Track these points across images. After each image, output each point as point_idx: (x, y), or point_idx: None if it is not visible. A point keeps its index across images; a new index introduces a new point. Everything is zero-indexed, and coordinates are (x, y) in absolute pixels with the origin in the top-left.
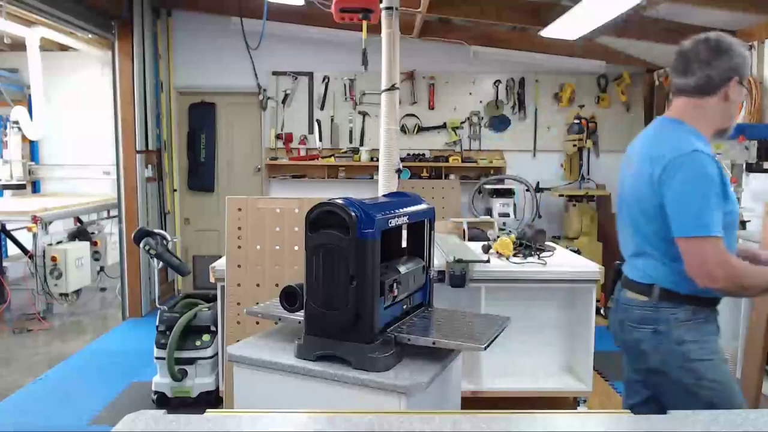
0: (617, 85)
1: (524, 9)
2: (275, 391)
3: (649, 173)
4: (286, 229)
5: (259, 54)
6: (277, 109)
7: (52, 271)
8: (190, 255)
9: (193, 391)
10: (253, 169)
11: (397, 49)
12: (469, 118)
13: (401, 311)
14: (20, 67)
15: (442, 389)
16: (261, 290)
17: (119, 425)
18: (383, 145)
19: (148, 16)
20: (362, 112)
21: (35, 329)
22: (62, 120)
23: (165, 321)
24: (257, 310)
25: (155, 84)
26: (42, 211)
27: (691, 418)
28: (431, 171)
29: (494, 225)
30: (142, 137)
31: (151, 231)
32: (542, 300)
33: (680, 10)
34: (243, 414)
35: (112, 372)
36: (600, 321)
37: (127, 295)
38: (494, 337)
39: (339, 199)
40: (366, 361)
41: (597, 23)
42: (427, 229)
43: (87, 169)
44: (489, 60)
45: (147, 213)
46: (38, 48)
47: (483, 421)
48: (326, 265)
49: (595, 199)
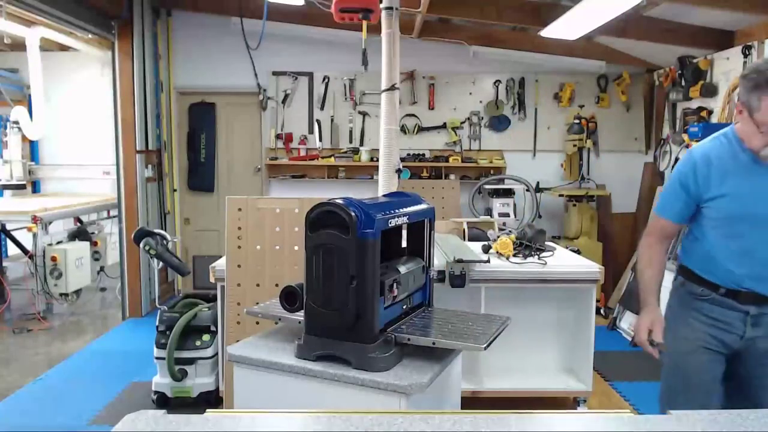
0: (617, 85)
1: (524, 9)
2: (275, 391)
3: None
4: (286, 229)
5: (259, 54)
6: (277, 109)
7: (52, 271)
8: (190, 255)
9: (193, 391)
10: (253, 169)
11: (397, 49)
12: (469, 118)
13: (401, 311)
14: (20, 67)
15: (442, 389)
16: (261, 290)
17: (119, 425)
18: (383, 145)
19: (148, 16)
20: (362, 112)
21: (35, 329)
22: (62, 120)
23: (165, 321)
24: (257, 310)
25: (155, 84)
26: (42, 211)
27: (691, 418)
28: (431, 171)
29: (494, 225)
30: (142, 137)
31: (151, 231)
32: (542, 300)
33: (680, 10)
34: (243, 414)
35: (112, 372)
36: (600, 321)
37: (127, 295)
38: (494, 337)
39: (339, 199)
40: (366, 361)
41: (597, 23)
42: (427, 229)
43: (87, 169)
44: (489, 60)
45: (147, 213)
46: (38, 48)
47: (483, 421)
48: (326, 265)
49: (595, 199)
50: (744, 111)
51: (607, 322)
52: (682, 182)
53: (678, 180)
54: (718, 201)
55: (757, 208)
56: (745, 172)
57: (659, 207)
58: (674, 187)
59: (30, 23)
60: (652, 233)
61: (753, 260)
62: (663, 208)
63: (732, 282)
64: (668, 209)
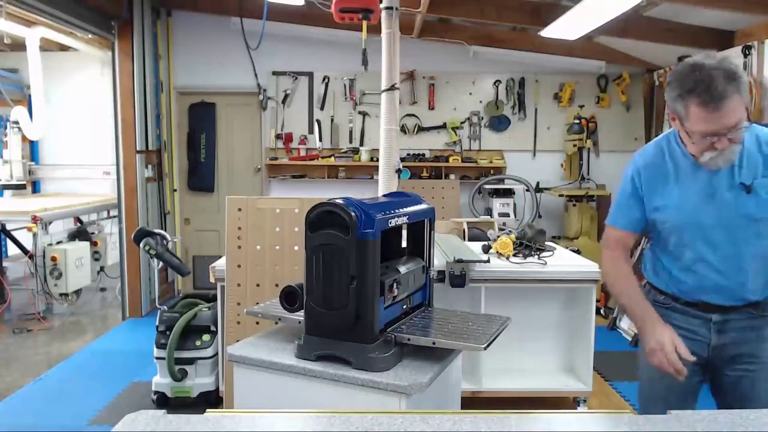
0: (617, 85)
1: (524, 9)
2: (275, 391)
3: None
4: (286, 229)
5: (259, 54)
6: (277, 109)
7: (52, 271)
8: (190, 255)
9: (193, 391)
10: (253, 169)
11: (397, 49)
12: (469, 118)
13: (401, 311)
14: (20, 67)
15: (442, 389)
16: (261, 290)
17: (119, 425)
18: (383, 145)
19: (148, 16)
20: (362, 112)
21: (35, 329)
22: (62, 120)
23: (165, 321)
24: (257, 310)
25: (155, 84)
26: (42, 211)
27: (691, 418)
28: (431, 171)
29: (494, 225)
30: (142, 137)
31: (151, 231)
32: (542, 300)
33: (680, 10)
34: (243, 414)
35: (112, 372)
36: (600, 321)
37: (127, 295)
38: (494, 337)
39: (339, 199)
40: (366, 361)
41: (597, 23)
42: (427, 229)
43: (87, 169)
44: (489, 60)
45: (147, 213)
46: (38, 48)
47: (483, 421)
48: (326, 265)
49: (595, 199)
50: (676, 119)
51: (607, 322)
52: (628, 188)
53: (624, 187)
54: (662, 211)
55: (700, 217)
56: (687, 178)
57: (611, 217)
58: (623, 195)
59: (30, 23)
60: (609, 245)
61: (702, 272)
62: (614, 218)
63: (686, 294)
64: (619, 218)
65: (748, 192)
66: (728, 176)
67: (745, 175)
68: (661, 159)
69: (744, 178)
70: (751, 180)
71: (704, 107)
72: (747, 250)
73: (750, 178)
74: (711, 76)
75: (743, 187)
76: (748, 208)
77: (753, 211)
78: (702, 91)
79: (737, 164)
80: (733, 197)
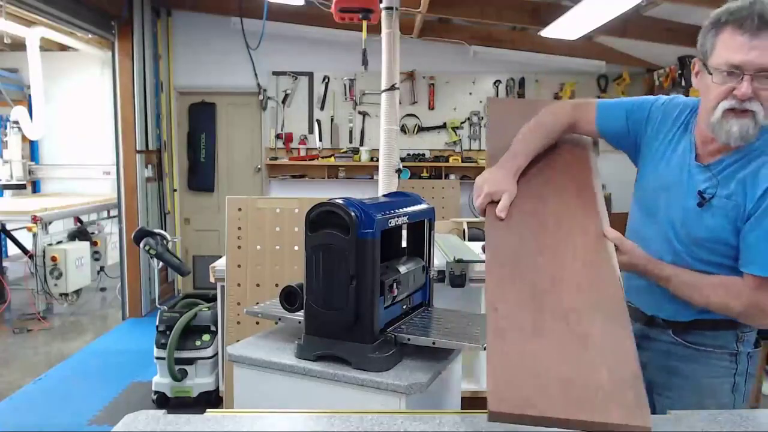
0: (617, 85)
1: (524, 9)
2: (275, 391)
3: None
4: (286, 229)
5: (259, 54)
6: (277, 109)
7: (52, 271)
8: (190, 255)
9: (193, 391)
10: (253, 169)
11: (397, 49)
12: (469, 118)
13: (401, 311)
14: (20, 67)
15: (442, 389)
16: (261, 290)
17: (119, 425)
18: (383, 145)
19: (148, 16)
20: (362, 112)
21: (35, 329)
22: (62, 120)
23: (165, 321)
24: (257, 310)
25: (155, 84)
26: (42, 211)
27: (691, 418)
28: (431, 171)
29: None
30: (142, 137)
31: (151, 231)
32: None
33: (680, 10)
34: (243, 414)
35: (112, 372)
36: None
37: (127, 295)
38: None
39: (339, 199)
40: (366, 361)
41: (597, 23)
42: (427, 229)
43: (87, 169)
44: (489, 60)
45: (147, 213)
46: (38, 48)
47: (483, 421)
48: (326, 265)
49: None
50: (700, 70)
51: None
52: (635, 109)
53: (636, 101)
54: (640, 179)
55: (660, 205)
56: (678, 161)
57: (601, 103)
58: (629, 103)
59: (30, 23)
60: (567, 106)
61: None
62: (604, 107)
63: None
64: (605, 112)
65: (701, 206)
66: (705, 182)
67: (722, 187)
68: (672, 124)
69: (711, 189)
70: (723, 195)
71: (740, 30)
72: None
73: (724, 193)
74: (762, 5)
75: (700, 196)
76: (700, 221)
77: (695, 228)
78: (745, 15)
79: (724, 174)
80: (691, 203)
